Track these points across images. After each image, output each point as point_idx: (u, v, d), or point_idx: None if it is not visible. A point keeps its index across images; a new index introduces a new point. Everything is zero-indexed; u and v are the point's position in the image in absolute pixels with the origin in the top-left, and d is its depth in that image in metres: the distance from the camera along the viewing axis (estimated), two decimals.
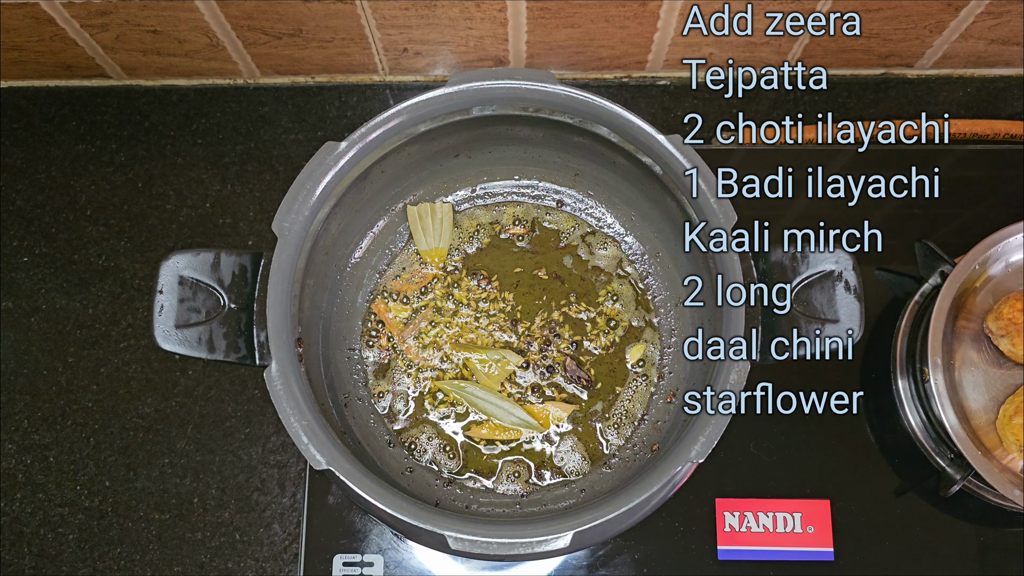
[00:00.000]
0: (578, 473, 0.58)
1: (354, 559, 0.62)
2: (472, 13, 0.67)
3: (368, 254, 0.62)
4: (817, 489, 0.63)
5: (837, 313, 0.49)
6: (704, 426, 0.46)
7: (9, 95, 0.77)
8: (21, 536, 0.65)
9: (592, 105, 0.51)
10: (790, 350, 0.49)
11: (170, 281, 0.49)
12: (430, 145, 0.57)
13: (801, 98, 0.77)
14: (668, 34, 0.70)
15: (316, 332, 0.58)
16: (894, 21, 0.69)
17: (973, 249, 0.61)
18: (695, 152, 0.50)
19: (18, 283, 0.71)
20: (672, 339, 0.61)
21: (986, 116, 0.76)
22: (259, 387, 0.69)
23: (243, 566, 0.65)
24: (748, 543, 0.62)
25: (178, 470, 0.67)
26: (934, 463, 0.63)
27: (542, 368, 0.60)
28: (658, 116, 0.76)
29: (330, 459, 0.45)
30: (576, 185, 0.63)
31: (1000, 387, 0.61)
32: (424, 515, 0.44)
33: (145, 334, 0.70)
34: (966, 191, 0.70)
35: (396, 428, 0.59)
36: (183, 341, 0.49)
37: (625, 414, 0.59)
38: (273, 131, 0.76)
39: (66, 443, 0.67)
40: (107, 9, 0.66)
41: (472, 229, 0.63)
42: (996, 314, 0.61)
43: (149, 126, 0.76)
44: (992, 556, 0.62)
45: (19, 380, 0.69)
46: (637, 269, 0.63)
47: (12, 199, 0.74)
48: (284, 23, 0.68)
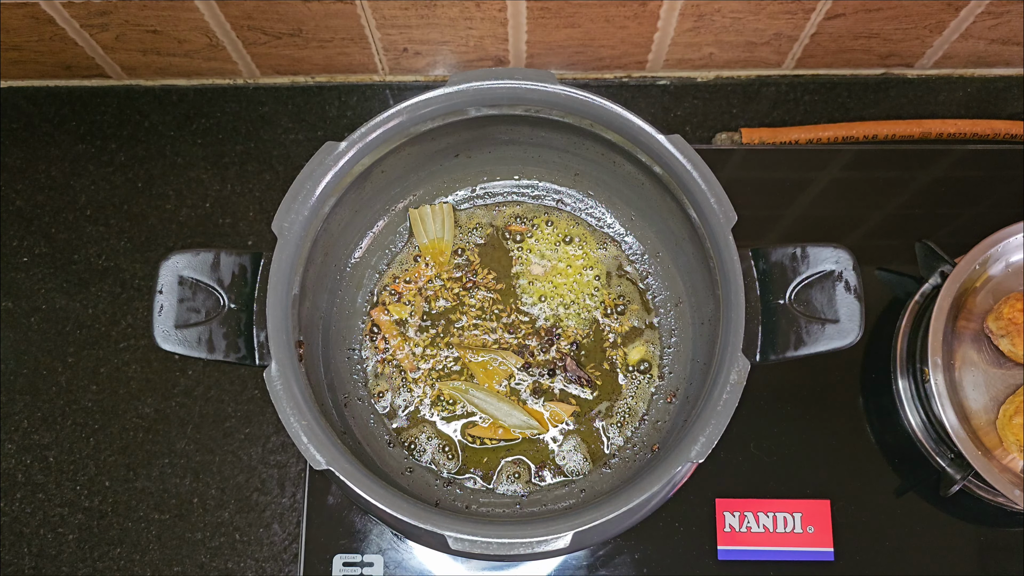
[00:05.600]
0: (578, 473, 0.58)
1: (354, 559, 0.62)
2: (472, 13, 0.67)
3: (368, 254, 0.62)
4: (817, 489, 0.63)
5: (837, 313, 0.49)
6: (704, 426, 0.46)
7: (9, 95, 0.77)
8: (21, 536, 0.65)
9: (592, 105, 0.51)
10: (790, 350, 0.49)
11: (170, 281, 0.49)
12: (430, 145, 0.57)
13: (801, 98, 0.77)
14: (668, 34, 0.70)
15: (316, 332, 0.58)
16: (894, 21, 0.69)
17: (973, 249, 0.61)
18: (695, 152, 0.50)
19: (18, 283, 0.71)
20: (672, 339, 0.61)
21: (986, 116, 0.76)
22: (259, 387, 0.69)
23: (243, 566, 0.65)
24: (748, 543, 0.62)
25: (178, 470, 0.67)
26: (934, 463, 0.63)
27: (542, 368, 0.60)
28: (658, 116, 0.76)
29: (330, 459, 0.45)
30: (576, 185, 0.63)
31: (1000, 387, 0.61)
32: (424, 515, 0.44)
33: (145, 334, 0.70)
34: (966, 191, 0.70)
35: (396, 428, 0.59)
36: (183, 341, 0.49)
37: (625, 414, 0.59)
38: (273, 131, 0.76)
39: (66, 443, 0.67)
40: (107, 9, 0.66)
41: (472, 229, 0.63)
42: (996, 314, 0.61)
43: (149, 126, 0.76)
44: (992, 556, 0.62)
45: (19, 380, 0.69)
46: (637, 269, 0.63)
47: (12, 199, 0.74)
48: (284, 23, 0.68)
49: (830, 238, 0.64)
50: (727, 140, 0.74)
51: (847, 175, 0.71)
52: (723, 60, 0.74)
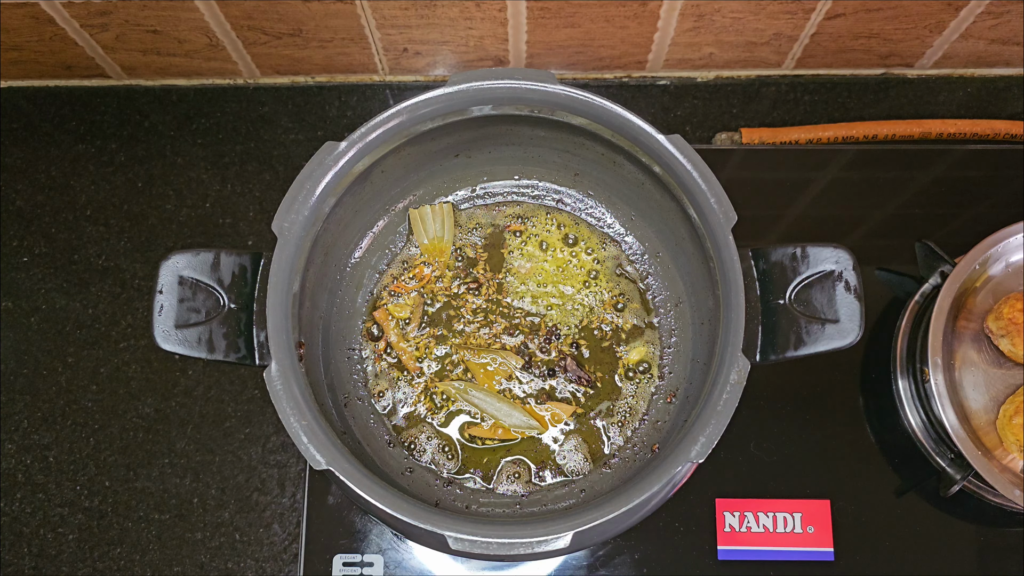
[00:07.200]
0: (578, 473, 0.58)
1: (354, 559, 0.62)
2: (472, 13, 0.67)
3: (368, 254, 0.62)
4: (817, 489, 0.63)
5: (837, 313, 0.49)
6: (704, 426, 0.46)
7: (9, 95, 0.77)
8: (21, 536, 0.65)
9: (592, 105, 0.51)
10: (790, 350, 0.49)
11: (170, 281, 0.49)
12: (430, 145, 0.57)
13: (801, 98, 0.77)
14: (668, 34, 0.70)
15: (316, 332, 0.58)
16: (894, 21, 0.69)
17: (973, 249, 0.61)
18: (695, 152, 0.50)
19: (18, 283, 0.71)
20: (672, 339, 0.61)
21: (986, 116, 0.76)
22: (259, 387, 0.69)
23: (243, 566, 0.65)
24: (748, 543, 0.62)
25: (178, 470, 0.67)
26: (934, 463, 0.63)
27: (542, 368, 0.60)
28: (658, 116, 0.76)
29: (330, 459, 0.45)
30: (576, 185, 0.63)
31: (1000, 387, 0.61)
32: (424, 515, 0.44)
33: (145, 334, 0.70)
34: (966, 191, 0.71)
35: (396, 428, 0.59)
36: (183, 341, 0.49)
37: (625, 414, 0.59)
38: (273, 131, 0.76)
39: (66, 443, 0.67)
40: (107, 9, 0.66)
41: (472, 229, 0.63)
42: (996, 314, 0.61)
43: (149, 126, 0.76)
44: (992, 556, 0.62)
45: (19, 380, 0.69)
46: (637, 269, 0.63)
47: (12, 199, 0.74)
48: (284, 23, 0.68)
49: (830, 238, 0.64)
50: (727, 140, 0.74)
51: (847, 175, 0.71)
52: (723, 60, 0.74)
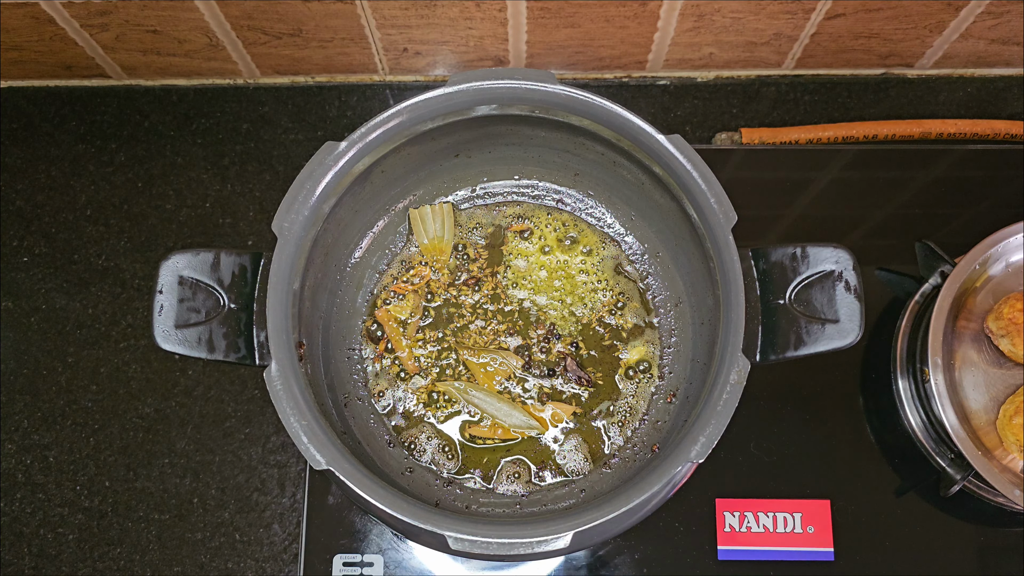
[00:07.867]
0: (578, 473, 0.58)
1: (354, 559, 0.62)
2: (472, 13, 0.67)
3: (368, 254, 0.62)
4: (817, 489, 0.63)
5: (837, 313, 0.49)
6: (704, 426, 0.46)
7: (9, 95, 0.77)
8: (21, 536, 0.65)
9: (592, 105, 0.51)
10: (790, 350, 0.49)
11: (170, 281, 0.49)
12: (430, 145, 0.57)
13: (801, 98, 0.77)
14: (668, 34, 0.70)
15: (316, 332, 0.58)
16: (894, 21, 0.69)
17: (973, 249, 0.61)
18: (695, 152, 0.50)
19: (18, 283, 0.71)
20: (672, 339, 0.61)
21: (986, 116, 0.76)
22: (259, 387, 0.69)
23: (243, 566, 0.65)
24: (748, 543, 0.62)
25: (178, 470, 0.67)
26: (934, 463, 0.63)
27: (542, 368, 0.60)
28: (658, 116, 0.76)
29: (330, 459, 0.45)
30: (576, 185, 0.63)
31: (1000, 387, 0.61)
32: (424, 515, 0.44)
33: (145, 334, 0.70)
34: (966, 191, 0.71)
35: (396, 428, 0.59)
36: (183, 341, 0.49)
37: (625, 414, 0.59)
38: (273, 131, 0.76)
39: (66, 443, 0.67)
40: (107, 9, 0.66)
41: (472, 228, 0.63)
42: (996, 314, 0.61)
43: (149, 126, 0.76)
44: (992, 556, 0.62)
45: (19, 380, 0.69)
46: (637, 269, 0.63)
47: (12, 199, 0.74)
48: (284, 23, 0.68)
49: (830, 238, 0.64)
50: (727, 140, 0.74)
51: (847, 175, 0.71)
52: (723, 60, 0.74)
